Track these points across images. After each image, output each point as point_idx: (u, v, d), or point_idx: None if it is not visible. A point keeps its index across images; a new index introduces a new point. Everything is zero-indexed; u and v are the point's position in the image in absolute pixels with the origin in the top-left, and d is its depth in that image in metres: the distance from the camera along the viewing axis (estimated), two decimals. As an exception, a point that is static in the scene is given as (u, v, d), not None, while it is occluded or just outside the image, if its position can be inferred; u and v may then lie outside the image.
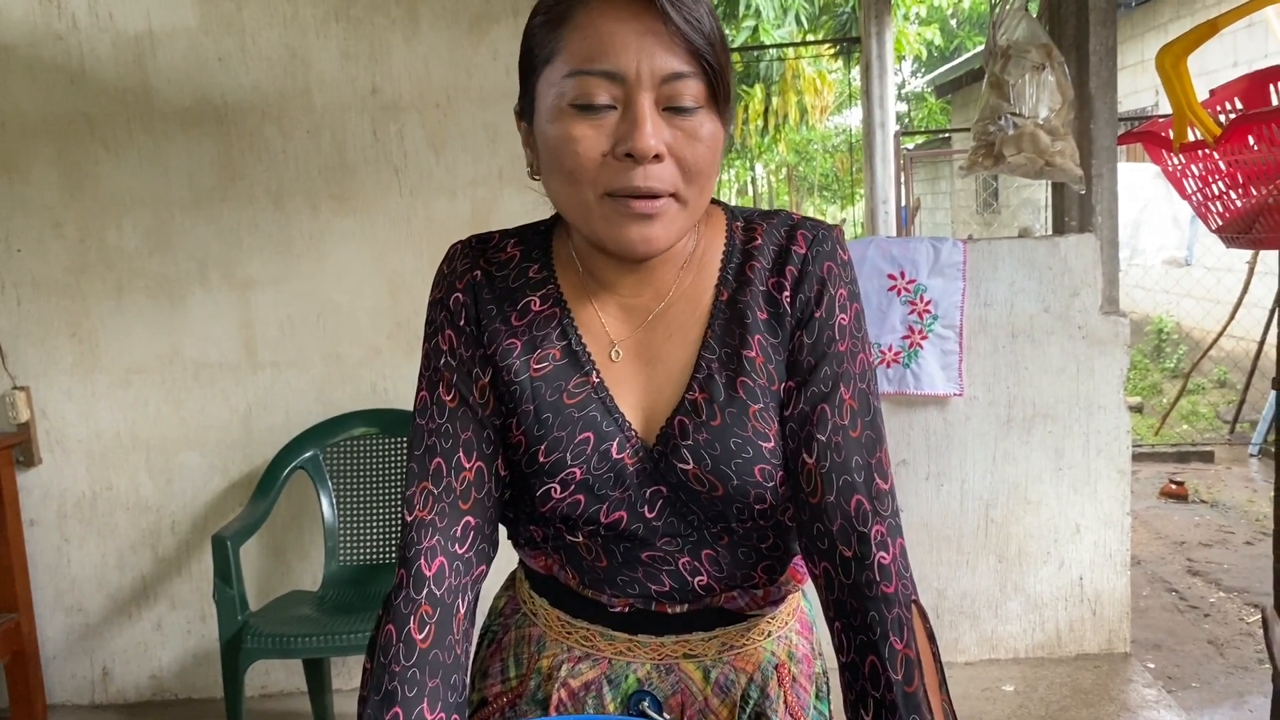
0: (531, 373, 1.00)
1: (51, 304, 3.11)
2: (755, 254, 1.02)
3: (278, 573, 3.19)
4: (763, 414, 0.98)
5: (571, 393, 0.99)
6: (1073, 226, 3.16)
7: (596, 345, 1.02)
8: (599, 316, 1.03)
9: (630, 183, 0.90)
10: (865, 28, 6.52)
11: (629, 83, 0.89)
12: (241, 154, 3.06)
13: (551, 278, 1.04)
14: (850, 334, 1.00)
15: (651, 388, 1.01)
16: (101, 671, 3.27)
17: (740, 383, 0.98)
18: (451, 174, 3.08)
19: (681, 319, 1.02)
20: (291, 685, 3.21)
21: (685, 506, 1.00)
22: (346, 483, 3.02)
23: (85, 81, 3.04)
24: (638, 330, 1.02)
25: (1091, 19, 3.04)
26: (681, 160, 0.91)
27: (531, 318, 1.02)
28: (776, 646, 1.11)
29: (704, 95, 0.91)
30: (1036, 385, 3.12)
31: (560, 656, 1.09)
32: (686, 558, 1.02)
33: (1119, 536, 3.17)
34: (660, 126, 0.90)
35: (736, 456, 0.96)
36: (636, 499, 1.00)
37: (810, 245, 1.01)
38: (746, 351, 0.99)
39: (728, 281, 1.02)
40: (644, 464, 0.99)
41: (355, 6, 3.01)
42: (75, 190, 3.08)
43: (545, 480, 0.98)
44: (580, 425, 0.98)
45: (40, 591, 3.20)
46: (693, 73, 0.89)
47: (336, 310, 3.13)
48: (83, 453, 3.17)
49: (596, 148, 0.90)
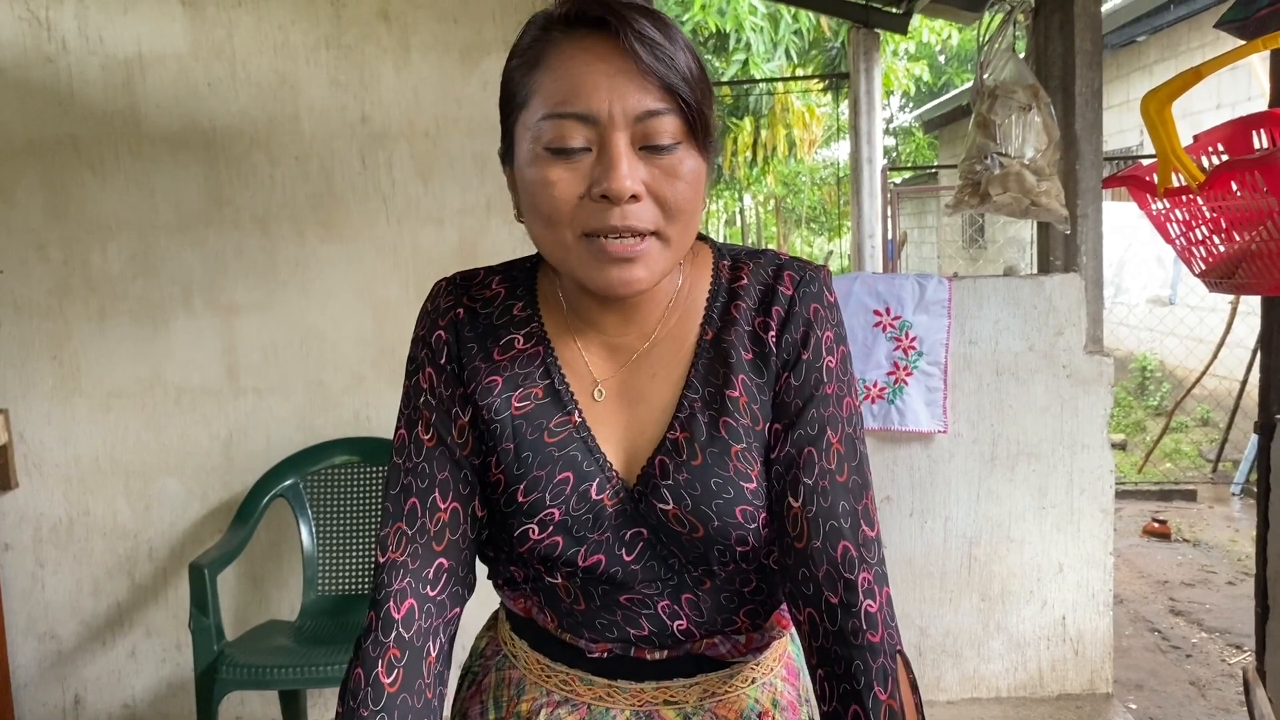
0: (513, 411, 0.99)
1: (33, 326, 3.09)
2: (741, 294, 1.01)
3: (255, 602, 3.16)
4: (745, 454, 0.97)
5: (553, 431, 0.99)
6: (1058, 266, 3.18)
7: (579, 384, 1.01)
8: (583, 355, 1.02)
9: (608, 223, 0.90)
10: (854, 64, 6.58)
11: (602, 124, 0.89)
12: (229, 179, 3.06)
13: (536, 316, 1.04)
14: (837, 377, 0.99)
15: (634, 427, 1.00)
16: (74, 700, 3.22)
17: (723, 422, 0.97)
18: (439, 203, 3.08)
19: (666, 358, 1.01)
20: (266, 716, 3.17)
21: (666, 549, 0.99)
22: (327, 511, 2.99)
23: (73, 104, 3.03)
24: (621, 370, 1.02)
25: (1078, 61, 3.07)
26: (661, 199, 0.91)
27: (514, 355, 1.02)
28: (760, 694, 1.08)
29: (682, 131, 0.91)
30: (1020, 423, 3.12)
31: (539, 700, 1.07)
32: (666, 601, 1.01)
33: (1102, 576, 3.17)
34: (637, 166, 0.89)
35: (717, 497, 0.95)
36: (615, 541, 0.99)
37: (797, 286, 1.00)
38: (730, 391, 0.98)
39: (713, 321, 1.01)
40: (624, 505, 0.98)
41: (346, 35, 3.02)
42: (60, 213, 3.06)
43: (524, 521, 0.97)
44: (560, 465, 0.97)
45: (12, 617, 3.15)
46: (668, 109, 0.89)
47: (321, 337, 3.11)
48: (60, 477, 3.14)
49: (573, 190, 0.90)
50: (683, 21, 9.92)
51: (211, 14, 3.00)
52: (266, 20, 3.00)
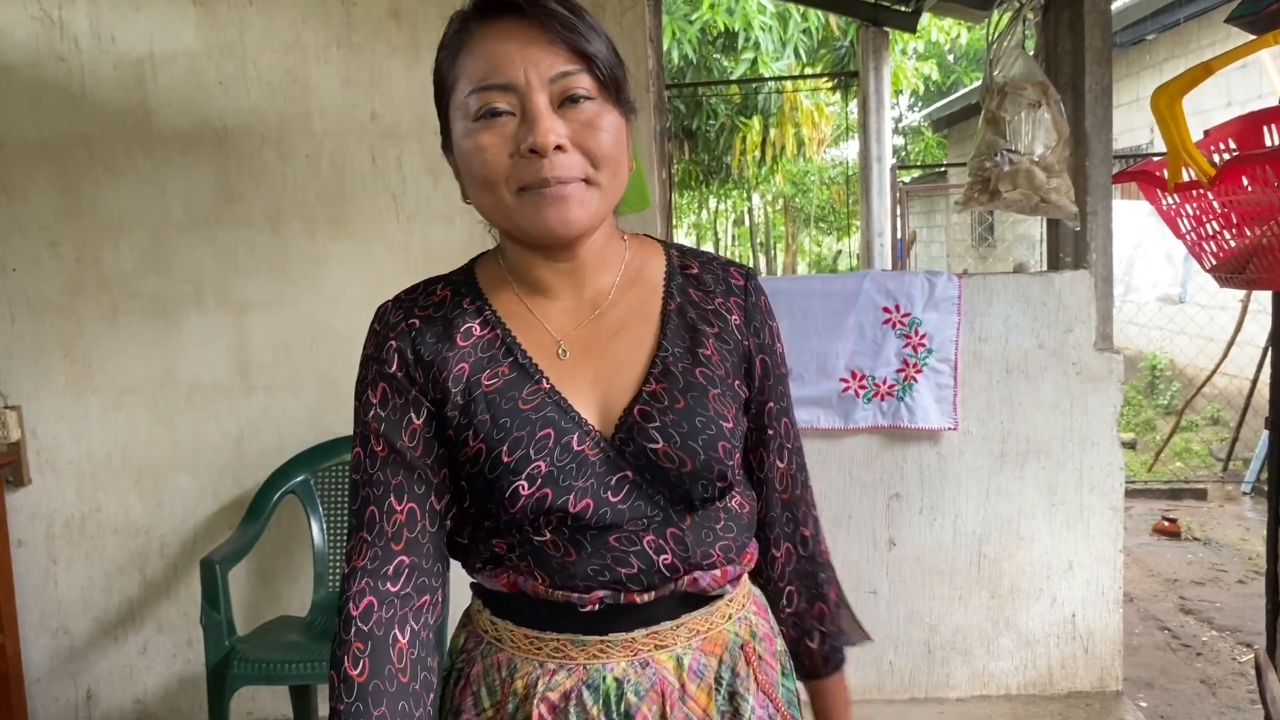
0: (483, 388, 1.07)
1: (46, 324, 3.11)
2: (697, 280, 1.16)
3: (266, 598, 3.17)
4: (721, 399, 1.10)
5: (525, 399, 1.07)
6: (1067, 263, 3.18)
7: (542, 351, 1.10)
8: (541, 323, 1.11)
9: (539, 175, 1.01)
10: (863, 63, 6.58)
11: (521, 90, 1.00)
12: (240, 177, 3.07)
13: (486, 305, 1.12)
14: (784, 360, 1.22)
15: (603, 380, 1.09)
16: (85, 695, 3.24)
17: (699, 371, 1.10)
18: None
19: (627, 320, 1.12)
20: (277, 712, 3.18)
21: (651, 487, 1.07)
22: (338, 508, 3.00)
23: (85, 103, 3.04)
24: (582, 328, 1.11)
25: (1088, 58, 3.06)
26: (584, 148, 1.02)
27: (475, 340, 1.10)
28: (739, 627, 1.16)
29: (596, 88, 1.03)
30: (1030, 421, 3.12)
31: (534, 674, 1.09)
32: (652, 536, 1.07)
33: (1111, 574, 3.16)
34: (556, 121, 1.01)
35: (702, 433, 1.07)
36: (601, 486, 1.05)
37: (747, 279, 1.18)
38: (702, 350, 1.12)
39: (672, 295, 1.15)
40: (606, 452, 1.06)
41: (357, 34, 3.03)
42: (73, 211, 3.08)
43: (512, 479, 1.03)
44: (539, 424, 1.05)
45: (25, 612, 3.17)
46: (580, 69, 1.02)
47: (332, 334, 3.12)
48: (73, 473, 3.16)
49: (503, 151, 1.01)
50: (691, 20, 9.90)
51: (223, 13, 3.01)
52: (277, 19, 3.02)
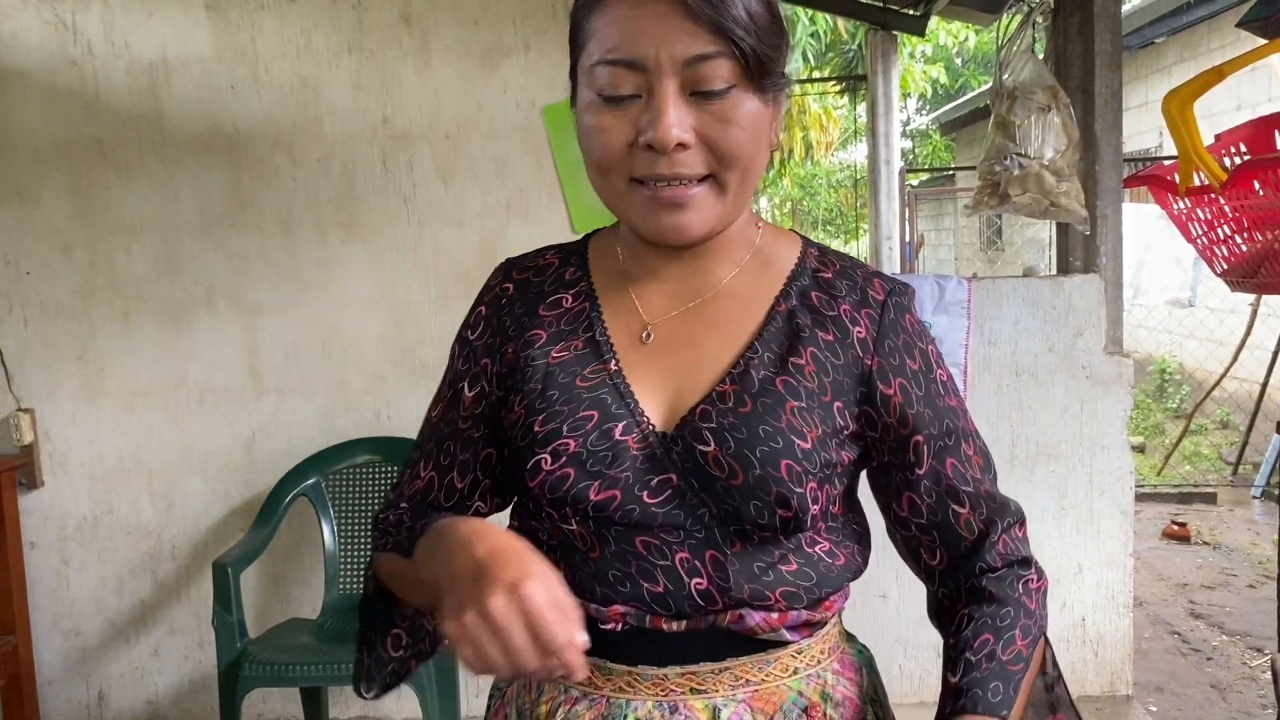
0: (549, 359, 1.00)
1: (58, 327, 3.13)
2: (825, 283, 1.02)
3: (277, 600, 3.18)
4: (802, 413, 0.95)
5: (585, 377, 0.99)
6: (1077, 266, 3.18)
7: (625, 332, 1.01)
8: (635, 303, 1.03)
9: (655, 170, 0.91)
10: (871, 66, 6.57)
11: (649, 70, 0.88)
12: (251, 181, 3.09)
13: (585, 276, 1.06)
14: (954, 390, 1.04)
15: (679, 373, 0.99)
16: (97, 696, 3.25)
17: (781, 380, 0.96)
18: (460, 205, 3.10)
19: (728, 314, 1.01)
20: (288, 713, 3.19)
21: (696, 497, 0.94)
22: (348, 510, 3.02)
23: (99, 107, 3.06)
24: (675, 315, 1.01)
25: (1097, 62, 3.06)
26: (713, 145, 0.90)
27: (560, 312, 1.04)
28: (806, 686, 0.99)
29: (737, 74, 0.89)
30: (1040, 424, 3.12)
31: (558, 699, 1.01)
32: (685, 553, 0.94)
33: (1122, 578, 3.16)
34: (685, 113, 0.89)
35: (764, 444, 0.92)
36: (636, 482, 0.94)
37: (889, 295, 1.02)
38: (795, 359, 0.97)
39: (790, 296, 1.01)
40: (653, 450, 0.95)
41: (368, 39, 3.04)
42: (85, 214, 3.10)
43: (537, 451, 0.95)
44: (586, 404, 0.97)
45: (38, 614, 3.19)
46: (720, 53, 0.88)
47: (342, 338, 3.14)
48: (85, 476, 3.17)
49: (621, 138, 0.91)
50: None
51: (235, 18, 3.03)
52: (289, 24, 3.03)
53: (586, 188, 3.06)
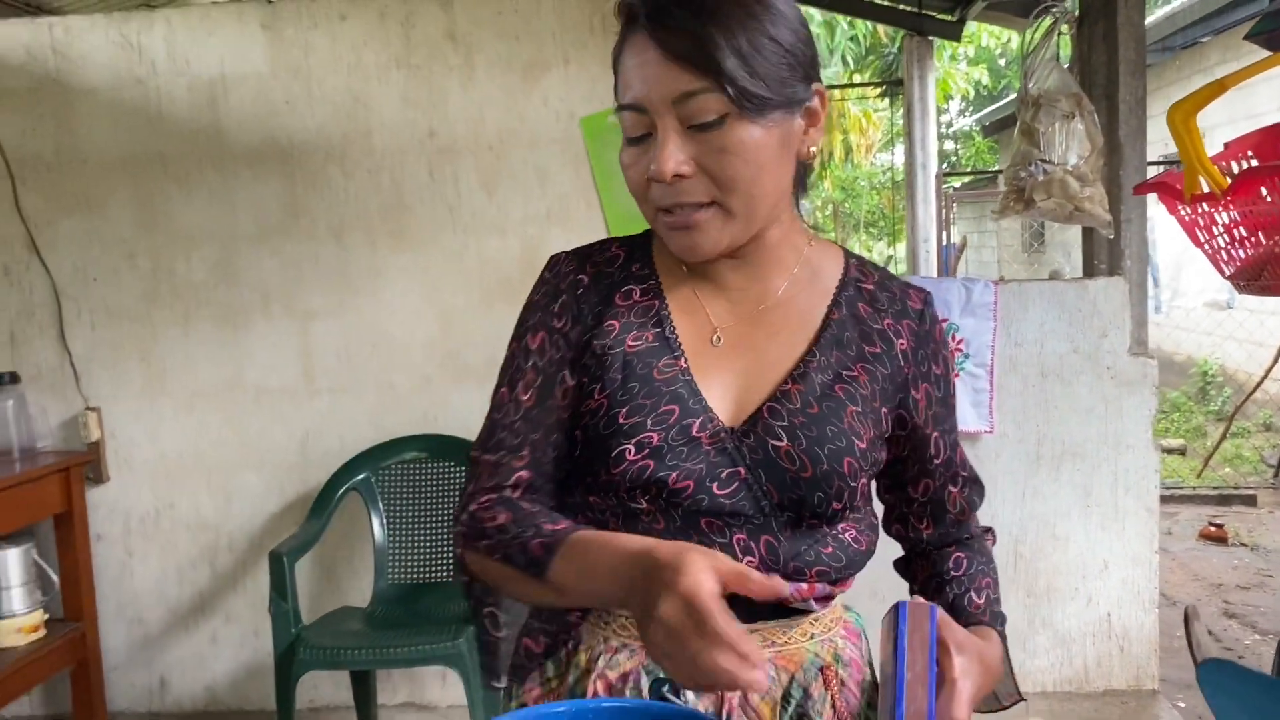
0: (626, 348, 1.07)
1: (123, 330, 3.30)
2: (869, 295, 1.14)
3: (329, 589, 3.33)
4: (860, 417, 1.07)
5: (661, 370, 1.06)
6: (1102, 270, 3.25)
7: (695, 332, 1.10)
8: (703, 306, 1.11)
9: (663, 200, 1.01)
10: (908, 70, 6.64)
11: (650, 111, 0.99)
12: (305, 192, 3.24)
13: (653, 274, 1.13)
14: (954, 391, 1.21)
15: (747, 376, 1.08)
16: (159, 681, 3.42)
17: (840, 387, 1.07)
18: (503, 214, 3.23)
19: (786, 322, 1.11)
20: (338, 699, 3.34)
21: (762, 489, 1.04)
22: (397, 504, 3.16)
23: (161, 122, 3.23)
24: (742, 322, 1.11)
25: (1121, 69, 3.13)
26: (712, 173, 0.99)
27: (632, 304, 1.11)
28: (820, 649, 1.11)
29: (728, 105, 0.96)
30: (1066, 424, 3.19)
31: (597, 649, 1.08)
32: (743, 535, 1.04)
33: (1147, 574, 3.22)
34: (683, 146, 0.98)
35: (831, 443, 1.04)
36: (708, 476, 1.03)
37: (926, 307, 1.16)
38: (849, 371, 1.09)
39: (840, 305, 1.12)
40: (723, 444, 1.04)
41: (415, 55, 3.18)
42: (149, 224, 3.27)
43: (621, 441, 1.03)
44: (666, 398, 1.05)
45: (104, 603, 3.36)
46: (704, 89, 0.96)
47: (390, 341, 3.28)
48: (148, 472, 3.34)
49: (641, 173, 1.02)
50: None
51: (290, 36, 3.19)
52: (341, 42, 3.18)
53: (623, 195, 3.16)
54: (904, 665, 0.93)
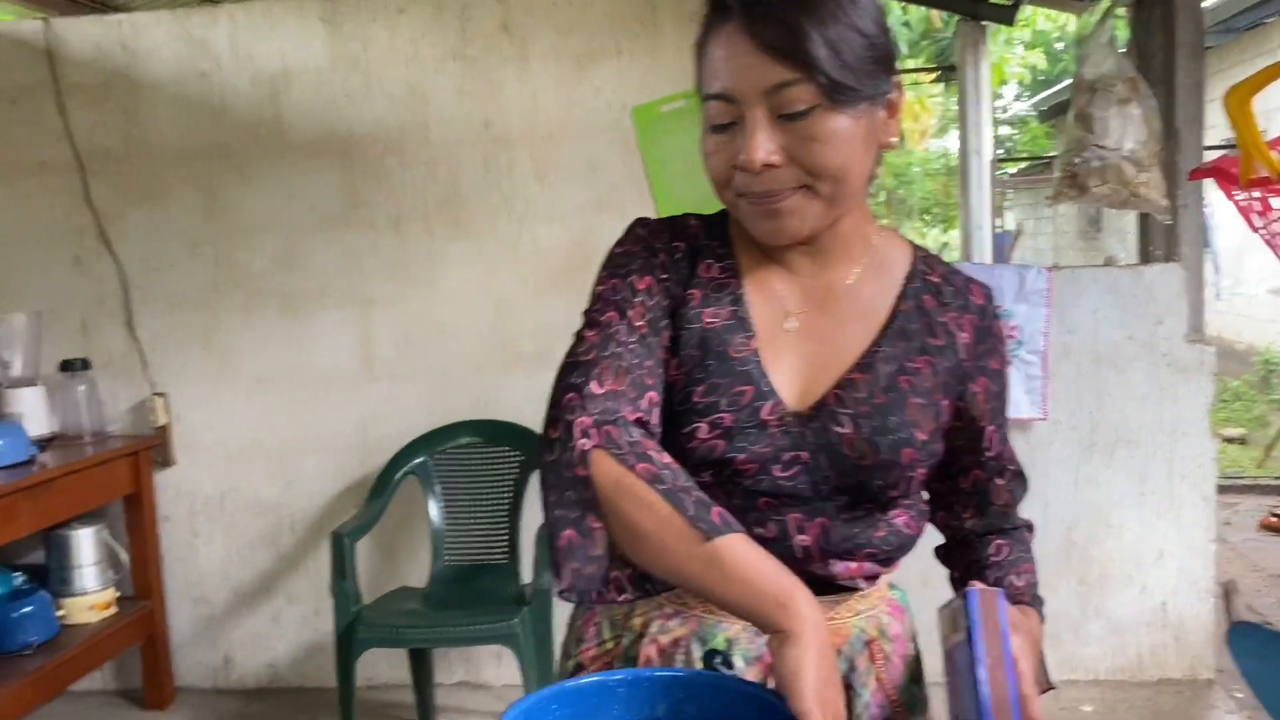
0: (704, 323, 1.09)
1: (189, 318, 3.40)
2: (934, 288, 1.15)
3: (387, 570, 3.41)
4: (922, 409, 1.09)
5: (737, 348, 1.08)
6: (1158, 256, 3.22)
7: (768, 315, 1.11)
8: (777, 290, 1.13)
9: (751, 188, 1.03)
10: (961, 55, 6.57)
11: (739, 101, 1.00)
12: (364, 183, 3.31)
13: (730, 253, 1.14)
14: (1008, 387, 1.22)
15: (815, 362, 1.10)
16: (224, 659, 3.53)
17: (904, 378, 1.09)
18: (555, 203, 3.28)
19: (858, 311, 1.12)
20: (395, 678, 3.40)
21: (823, 474, 1.06)
22: (453, 487, 3.22)
23: (225, 115, 3.32)
24: (813, 307, 1.12)
25: (1179, 53, 3.10)
26: (802, 162, 1.00)
27: (710, 279, 1.12)
28: (866, 624, 1.14)
29: (819, 96, 0.98)
30: (1120, 411, 3.16)
31: (652, 614, 1.11)
32: (799, 515, 1.07)
33: (1203, 563, 3.19)
34: (772, 135, 1.00)
35: (893, 433, 1.06)
36: (771, 457, 1.06)
37: (988, 302, 1.17)
38: (912, 362, 1.10)
39: (907, 296, 1.13)
40: (788, 428, 1.06)
41: (471, 46, 3.24)
42: (213, 215, 3.36)
43: (695, 419, 1.05)
44: (741, 379, 1.06)
45: (171, 582, 3.47)
46: (797, 79, 0.97)
47: (446, 329, 3.34)
48: (213, 455, 3.44)
49: (725, 161, 1.04)
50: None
51: (349, 30, 3.25)
52: (398, 35, 3.24)
53: (673, 184, 3.22)
54: (981, 651, 0.95)
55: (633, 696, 0.95)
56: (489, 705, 3.32)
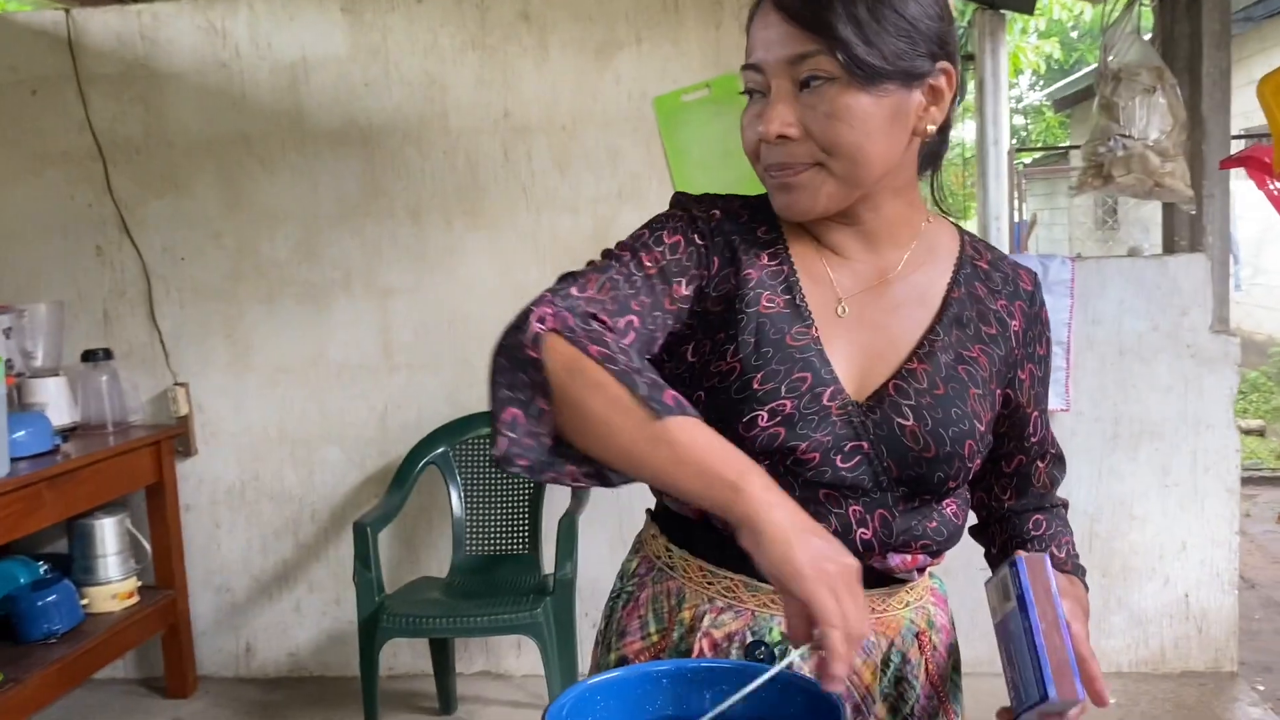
0: (760, 307, 1.06)
1: (210, 308, 3.40)
2: (984, 274, 1.15)
3: (408, 560, 3.42)
4: (980, 399, 1.08)
5: (794, 336, 1.06)
6: (1183, 246, 3.19)
7: (821, 302, 1.09)
8: (829, 274, 1.10)
9: (770, 159, 1.04)
10: (979, 45, 6.53)
11: (765, 72, 1.01)
12: (384, 172, 3.31)
13: (780, 239, 1.12)
14: (1050, 372, 1.24)
15: (871, 350, 1.08)
16: (245, 647, 3.54)
17: (963, 368, 1.08)
18: (575, 192, 3.27)
19: (911, 297, 1.11)
20: (416, 667, 3.42)
21: (883, 465, 1.04)
22: (475, 477, 3.22)
23: (245, 105, 3.32)
24: (866, 293, 1.10)
25: (1205, 42, 3.07)
26: (816, 136, 1.00)
27: (762, 267, 1.09)
28: (915, 615, 1.14)
29: (837, 69, 0.97)
30: (1144, 402, 3.15)
31: (702, 607, 1.09)
32: (860, 507, 1.05)
33: (1227, 555, 3.18)
34: (791, 108, 1.00)
35: (956, 425, 1.05)
36: (834, 447, 1.03)
37: (1035, 288, 1.17)
38: (968, 351, 1.10)
39: (959, 284, 1.12)
40: (849, 417, 1.04)
41: (490, 36, 3.23)
42: (234, 204, 3.36)
43: (755, 407, 1.02)
44: (799, 365, 1.04)
45: (193, 571, 3.48)
46: (816, 50, 0.97)
47: (466, 318, 3.34)
48: (234, 445, 3.45)
49: (755, 133, 1.04)
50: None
51: (368, 19, 3.25)
52: (418, 24, 3.24)
53: (694, 174, 3.20)
54: (1035, 616, 0.95)
55: (677, 688, 0.94)
56: (510, 695, 3.32)
